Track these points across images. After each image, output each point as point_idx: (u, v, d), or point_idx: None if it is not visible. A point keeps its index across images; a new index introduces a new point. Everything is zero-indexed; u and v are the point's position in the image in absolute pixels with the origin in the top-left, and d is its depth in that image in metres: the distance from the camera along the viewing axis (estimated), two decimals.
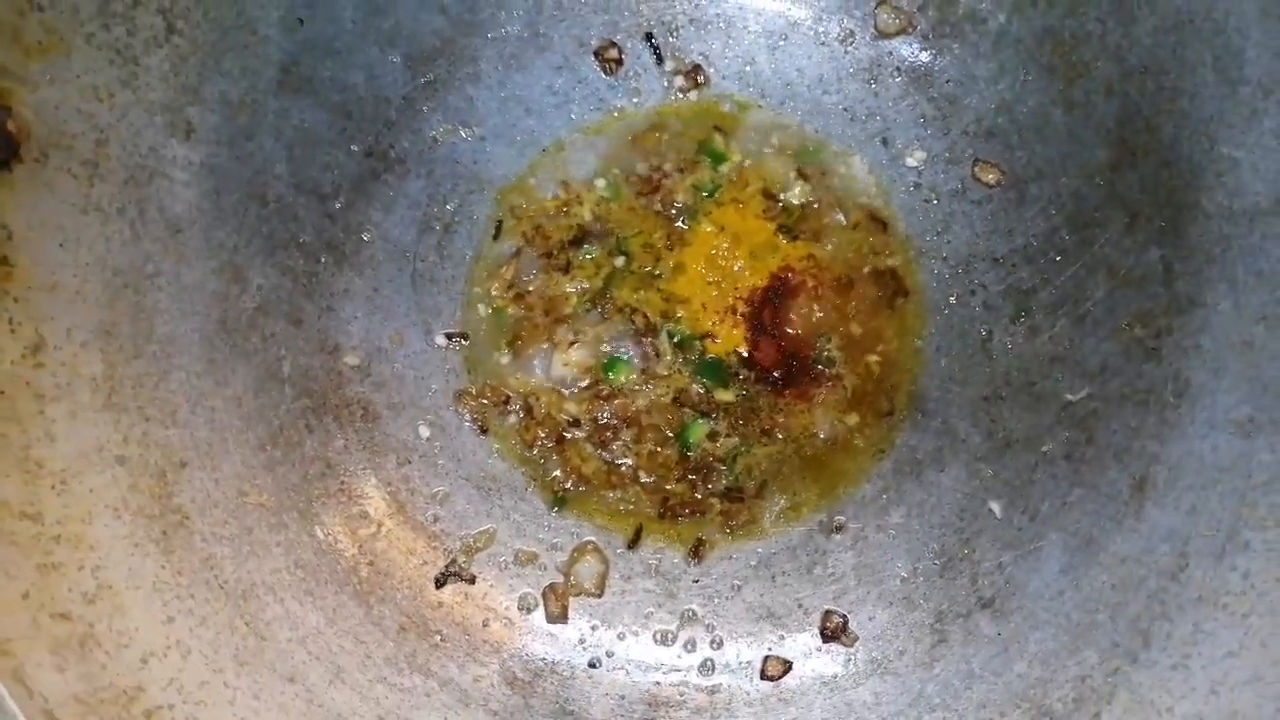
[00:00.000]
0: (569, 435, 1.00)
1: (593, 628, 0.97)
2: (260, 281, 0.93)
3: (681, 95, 1.05)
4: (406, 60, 0.99)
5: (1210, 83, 0.85)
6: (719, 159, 1.03)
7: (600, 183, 1.03)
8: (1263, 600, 0.77)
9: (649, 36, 1.04)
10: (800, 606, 0.96)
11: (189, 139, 0.86)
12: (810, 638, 0.95)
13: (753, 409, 1.00)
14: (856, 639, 0.94)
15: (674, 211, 1.02)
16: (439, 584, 0.95)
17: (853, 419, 1.00)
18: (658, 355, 1.00)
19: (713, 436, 1.00)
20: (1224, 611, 0.79)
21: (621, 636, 0.96)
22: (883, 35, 1.02)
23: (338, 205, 0.98)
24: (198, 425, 0.85)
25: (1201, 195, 0.87)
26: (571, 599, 0.97)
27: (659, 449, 1.00)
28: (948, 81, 1.01)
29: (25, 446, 0.72)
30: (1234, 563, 0.80)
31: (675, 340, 1.00)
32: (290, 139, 0.94)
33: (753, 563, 0.98)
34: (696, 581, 0.98)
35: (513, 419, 1.00)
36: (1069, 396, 0.94)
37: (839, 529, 0.98)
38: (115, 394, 0.80)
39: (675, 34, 1.04)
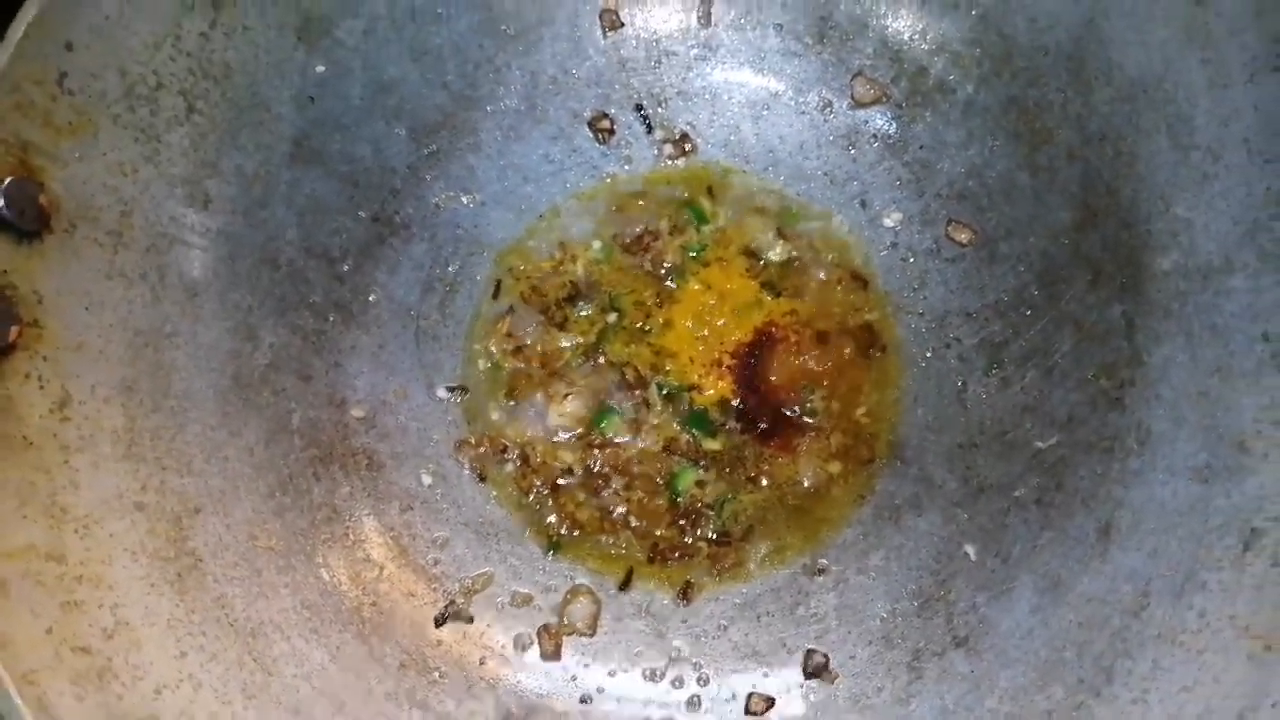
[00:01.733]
0: (563, 483, 1.04)
1: (585, 665, 0.99)
2: (272, 340, 0.97)
3: (670, 162, 1.10)
4: (411, 132, 1.04)
5: (1164, 148, 0.89)
6: (703, 220, 1.08)
7: (596, 244, 1.08)
8: (1216, 637, 0.80)
9: (639, 108, 1.09)
10: (784, 646, 0.99)
11: (207, 209, 0.91)
12: (793, 675, 0.98)
13: (739, 458, 1.04)
14: (837, 676, 0.97)
15: (664, 271, 1.07)
16: (438, 623, 0.98)
17: (835, 467, 1.03)
18: (647, 406, 1.04)
19: (701, 484, 1.03)
20: (1181, 648, 0.81)
21: (612, 674, 0.99)
22: (859, 105, 1.07)
23: (346, 268, 1.03)
24: (211, 474, 0.90)
25: (1158, 254, 0.90)
26: (565, 638, 1.00)
27: (649, 496, 1.03)
28: (921, 147, 1.05)
29: (51, 494, 0.77)
30: (1191, 602, 0.82)
31: (664, 392, 1.05)
32: (301, 207, 0.99)
33: (739, 604, 1.01)
34: (685, 622, 1.01)
35: (510, 467, 1.04)
36: (1039, 444, 0.97)
37: (821, 571, 1.01)
38: (135, 445, 0.84)
39: (664, 105, 1.09)
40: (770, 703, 0.97)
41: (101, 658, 0.74)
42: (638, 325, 1.07)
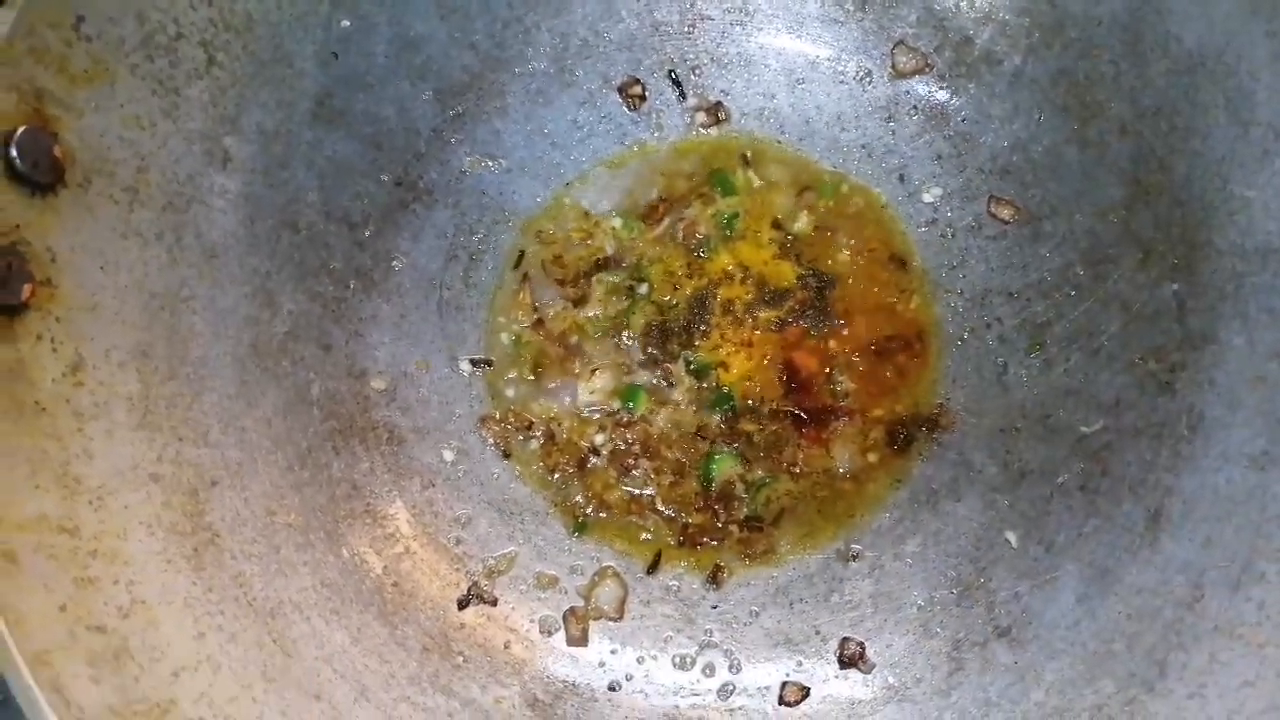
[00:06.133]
0: (590, 462, 1.01)
1: (613, 651, 0.97)
2: (291, 307, 0.94)
3: (703, 131, 1.07)
4: (436, 94, 1.01)
5: (1222, 124, 0.86)
6: (730, 190, 1.05)
7: (617, 221, 1.05)
8: (1278, 631, 0.77)
9: (672, 74, 1.06)
10: (818, 633, 0.97)
11: (226, 168, 0.88)
12: (828, 664, 0.95)
13: (771, 441, 1.00)
14: (874, 666, 0.94)
15: (695, 242, 1.04)
16: (462, 606, 0.96)
17: (869, 450, 1.00)
18: (674, 384, 1.01)
19: (734, 467, 1.00)
20: (1240, 642, 0.79)
21: (641, 660, 0.97)
22: (900, 75, 1.04)
23: (367, 234, 1.00)
24: (228, 445, 0.86)
25: (1214, 233, 0.87)
26: (592, 622, 0.97)
27: (679, 477, 1.00)
28: (963, 120, 1.02)
29: (64, 463, 0.73)
30: (1249, 594, 0.80)
31: (692, 368, 1.01)
32: (322, 169, 0.96)
33: (771, 590, 0.98)
34: (715, 607, 0.98)
35: (534, 444, 1.01)
36: (1084, 429, 0.94)
37: (855, 557, 0.98)
38: (150, 413, 0.80)
39: (697, 71, 1.06)
40: (805, 693, 0.94)
41: (118, 637, 0.71)
42: (666, 298, 1.03)
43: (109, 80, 0.78)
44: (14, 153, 0.71)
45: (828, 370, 1.01)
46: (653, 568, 0.99)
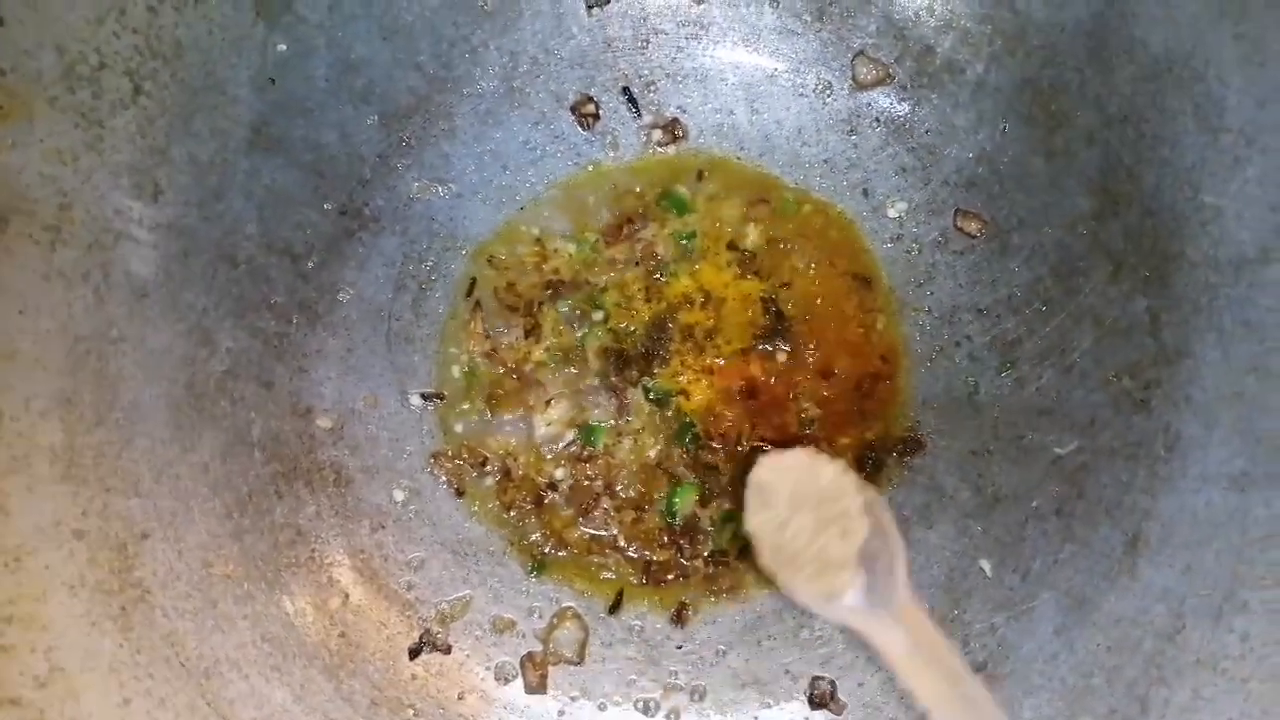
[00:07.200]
0: (548, 498, 0.97)
1: (573, 698, 0.93)
2: (229, 344, 0.90)
3: (660, 149, 1.04)
4: (381, 118, 0.97)
5: (1191, 131, 0.84)
6: (684, 208, 1.02)
7: (572, 245, 1.02)
8: (1263, 664, 0.75)
9: (626, 90, 1.03)
10: (787, 673, 0.93)
11: (156, 201, 0.84)
12: (798, 705, 0.92)
13: (736, 472, 0.97)
14: (845, 706, 0.91)
15: (653, 264, 1.01)
16: (413, 655, 0.92)
17: None
18: (634, 413, 0.98)
19: (702, 501, 0.97)
20: (1223, 676, 0.76)
21: (603, 707, 0.93)
22: (861, 86, 1.01)
23: (310, 265, 0.96)
24: (161, 494, 0.83)
25: (1186, 244, 0.85)
26: (551, 667, 0.93)
27: (641, 512, 0.97)
28: (927, 132, 1.00)
29: None
30: (1232, 624, 0.77)
31: (652, 396, 0.98)
32: (261, 199, 0.92)
33: (738, 627, 0.95)
34: (680, 647, 0.95)
35: (490, 481, 0.97)
36: (1058, 450, 0.91)
37: None
38: (75, 465, 0.77)
39: (653, 88, 1.03)
40: None
41: (33, 710, 0.67)
42: (623, 324, 1.00)
43: (27, 115, 0.76)
44: None
45: (792, 396, 0.98)
46: (614, 608, 0.95)
